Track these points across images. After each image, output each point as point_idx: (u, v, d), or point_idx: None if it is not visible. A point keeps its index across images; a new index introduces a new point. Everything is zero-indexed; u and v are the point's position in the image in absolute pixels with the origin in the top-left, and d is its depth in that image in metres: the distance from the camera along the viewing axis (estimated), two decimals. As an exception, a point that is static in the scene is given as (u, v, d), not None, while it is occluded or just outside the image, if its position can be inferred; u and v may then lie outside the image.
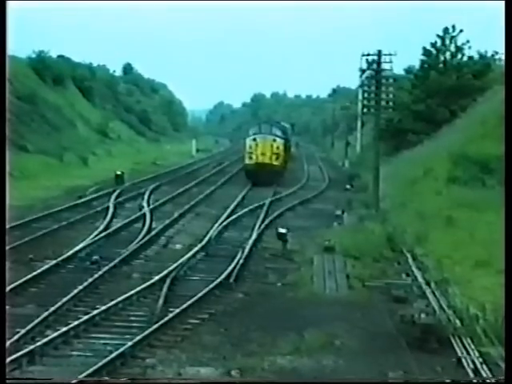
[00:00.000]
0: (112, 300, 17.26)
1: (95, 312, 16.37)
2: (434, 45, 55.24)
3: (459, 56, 55.10)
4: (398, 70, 57.72)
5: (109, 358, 13.45)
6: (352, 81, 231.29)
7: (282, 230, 25.33)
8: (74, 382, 5.78)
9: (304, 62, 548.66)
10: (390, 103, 36.21)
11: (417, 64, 58.11)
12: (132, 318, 16.70)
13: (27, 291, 18.42)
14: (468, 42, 54.79)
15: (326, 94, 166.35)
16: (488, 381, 12.04)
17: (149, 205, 34.08)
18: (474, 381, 12.35)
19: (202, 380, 12.71)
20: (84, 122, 72.77)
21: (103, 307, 16.73)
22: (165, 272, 20.09)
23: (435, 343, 15.05)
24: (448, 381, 12.22)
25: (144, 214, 30.57)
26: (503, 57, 51.10)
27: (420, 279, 20.52)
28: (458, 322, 15.90)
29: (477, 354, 14.20)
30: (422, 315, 15.62)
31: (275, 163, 47.83)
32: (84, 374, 12.50)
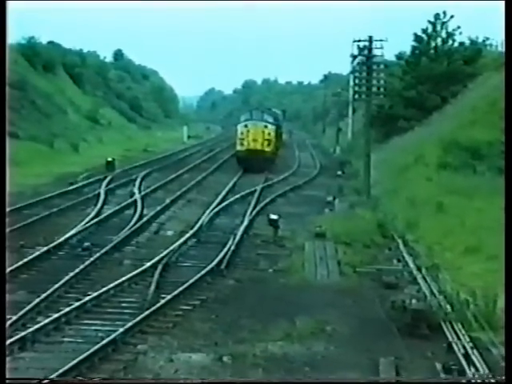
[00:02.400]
0: (103, 286, 17.27)
1: (87, 298, 16.39)
2: (425, 31, 55.11)
3: (450, 42, 55.01)
4: (390, 56, 57.51)
5: (100, 345, 13.47)
6: (343, 67, 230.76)
7: (274, 217, 25.31)
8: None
9: (295, 48, 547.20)
10: (381, 89, 36.17)
11: (408, 50, 58.02)
12: (124, 305, 16.71)
13: (18, 278, 18.38)
14: (459, 27, 54.74)
15: (317, 80, 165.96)
16: (488, 381, 12.04)
17: (140, 191, 34.01)
18: (474, 381, 12.35)
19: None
20: (74, 108, 72.45)
21: (95, 294, 16.74)
22: (156, 258, 20.09)
23: (426, 329, 15.12)
24: (442, 381, 12.21)
25: (135, 201, 30.51)
26: (502, 49, 51.21)
27: (411, 265, 20.59)
28: (448, 307, 15.97)
29: (467, 339, 14.27)
30: (413, 301, 15.68)
31: (266, 149, 47.76)
32: (75, 361, 12.53)
